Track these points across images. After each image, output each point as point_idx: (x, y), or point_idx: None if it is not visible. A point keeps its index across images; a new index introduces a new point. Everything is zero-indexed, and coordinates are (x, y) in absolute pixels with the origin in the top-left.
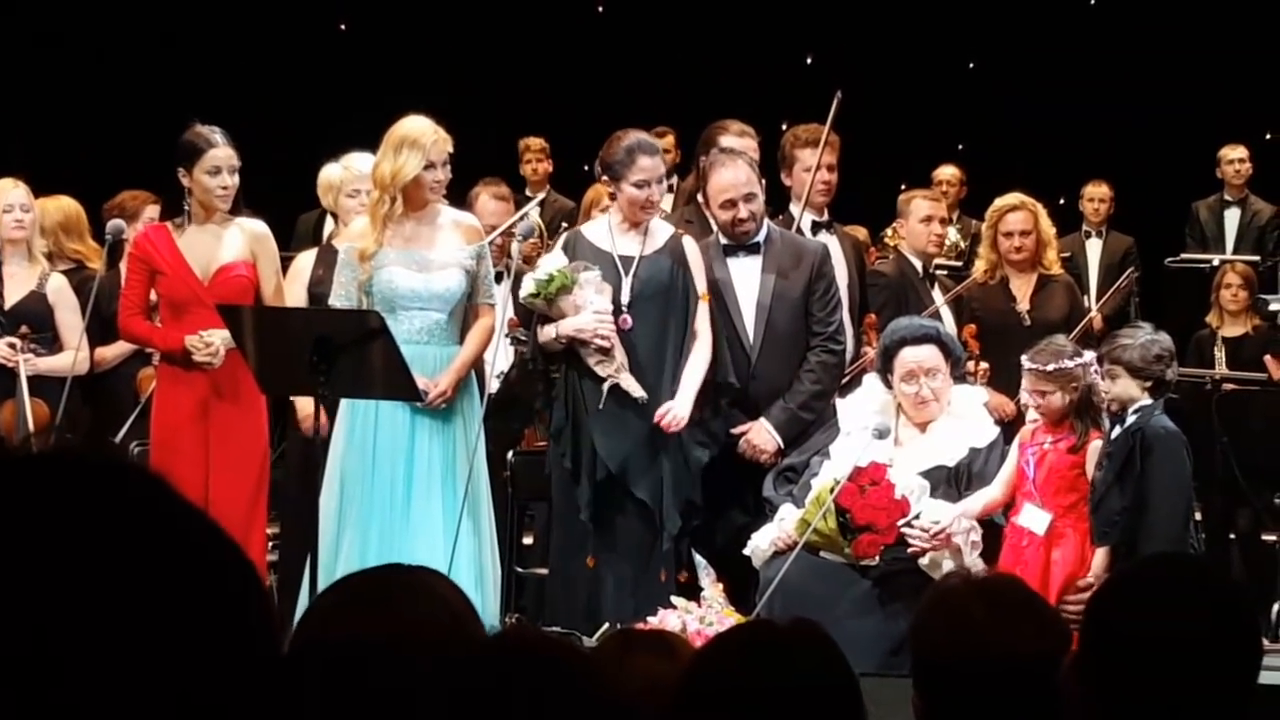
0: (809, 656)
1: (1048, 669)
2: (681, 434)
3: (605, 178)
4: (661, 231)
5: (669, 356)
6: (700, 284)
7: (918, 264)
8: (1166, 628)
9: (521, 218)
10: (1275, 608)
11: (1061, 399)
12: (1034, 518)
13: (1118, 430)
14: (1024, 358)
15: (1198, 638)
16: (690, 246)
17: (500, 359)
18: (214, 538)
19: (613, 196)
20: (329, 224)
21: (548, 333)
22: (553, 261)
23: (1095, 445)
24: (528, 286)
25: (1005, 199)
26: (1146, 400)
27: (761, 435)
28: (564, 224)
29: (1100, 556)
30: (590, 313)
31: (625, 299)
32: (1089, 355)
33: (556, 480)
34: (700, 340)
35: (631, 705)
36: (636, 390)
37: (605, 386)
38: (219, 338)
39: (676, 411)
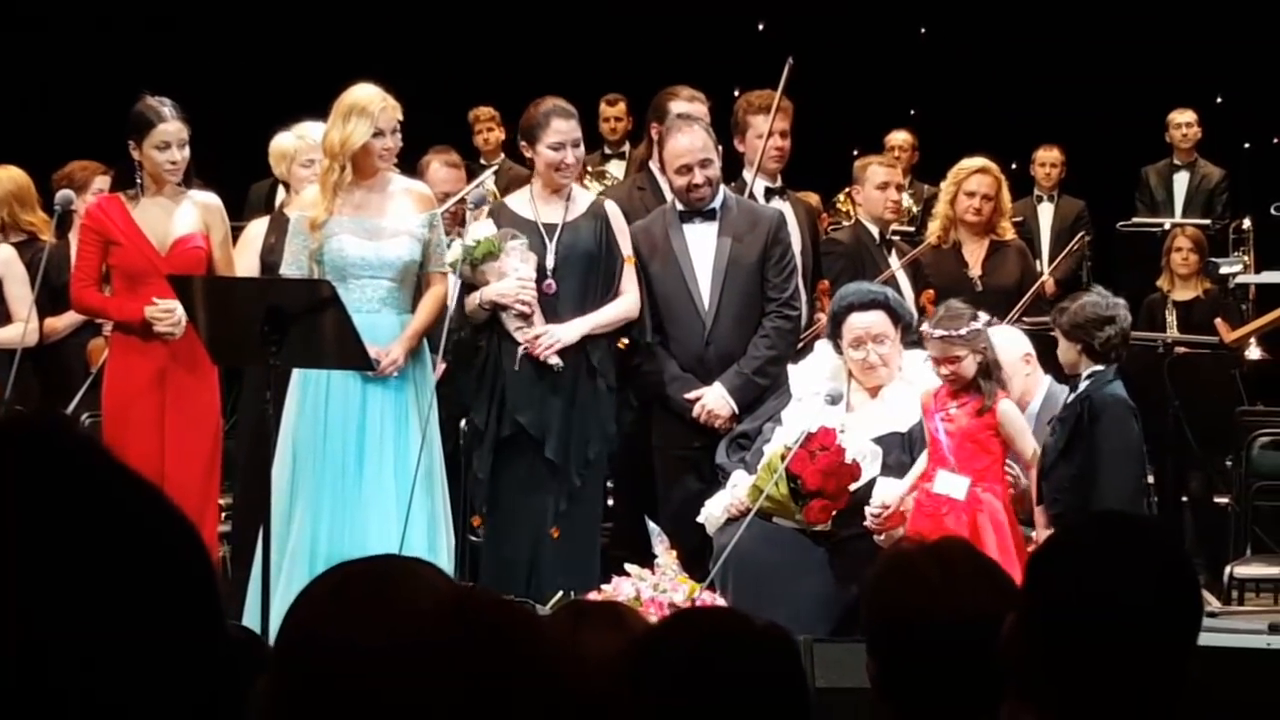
0: (766, 653)
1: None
2: (598, 400)
3: (523, 143)
4: (584, 198)
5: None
6: (625, 247)
7: (874, 230)
8: (1105, 586)
9: (477, 185)
10: (1228, 570)
11: (973, 362)
12: (952, 483)
13: (1070, 396)
14: (929, 327)
15: (1137, 596)
16: (613, 210)
17: None
18: (153, 503)
19: (532, 163)
20: (280, 193)
21: (472, 300)
22: (481, 229)
23: (1005, 405)
24: (454, 253)
25: (973, 160)
26: (1097, 366)
27: (716, 400)
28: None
29: (1039, 516)
30: (514, 278)
31: (550, 265)
32: (984, 316)
33: (474, 443)
34: (623, 296)
35: (586, 677)
36: (554, 358)
37: (520, 350)
38: (180, 307)
39: (554, 332)
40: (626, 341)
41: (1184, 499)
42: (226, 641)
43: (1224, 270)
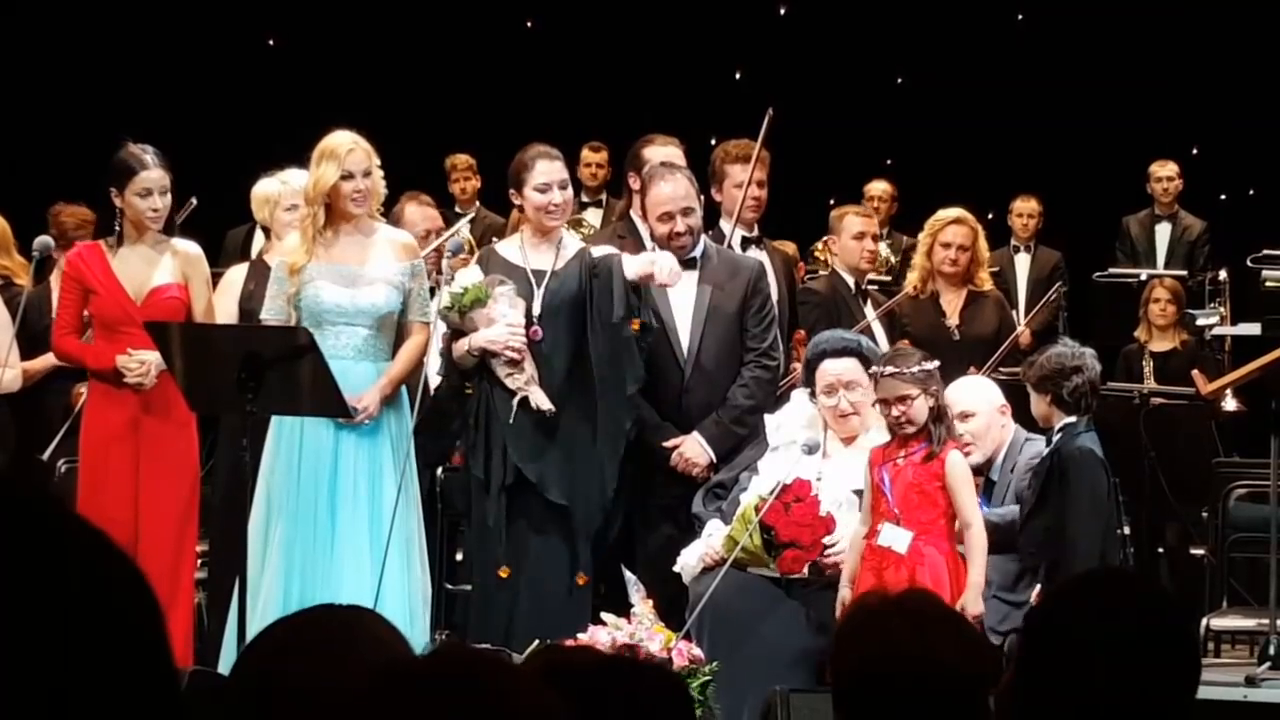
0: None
1: (970, 684)
2: (594, 442)
3: (512, 190)
4: (573, 246)
5: (580, 368)
6: None
7: (850, 280)
8: (1102, 645)
9: (454, 234)
10: (1204, 622)
11: (924, 403)
12: (894, 537)
13: (1033, 449)
14: (879, 368)
15: (1135, 654)
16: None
17: (433, 375)
18: (102, 552)
19: (521, 210)
20: (258, 238)
21: (460, 346)
22: (468, 276)
23: (954, 457)
24: (442, 299)
25: (948, 211)
26: (1069, 419)
27: (694, 448)
28: (494, 239)
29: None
30: (502, 325)
31: (537, 311)
32: (936, 361)
33: (472, 494)
34: None
35: None
36: (545, 403)
37: (515, 401)
38: (151, 358)
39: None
40: (639, 323)
41: (1160, 550)
42: (173, 689)
43: (1201, 321)
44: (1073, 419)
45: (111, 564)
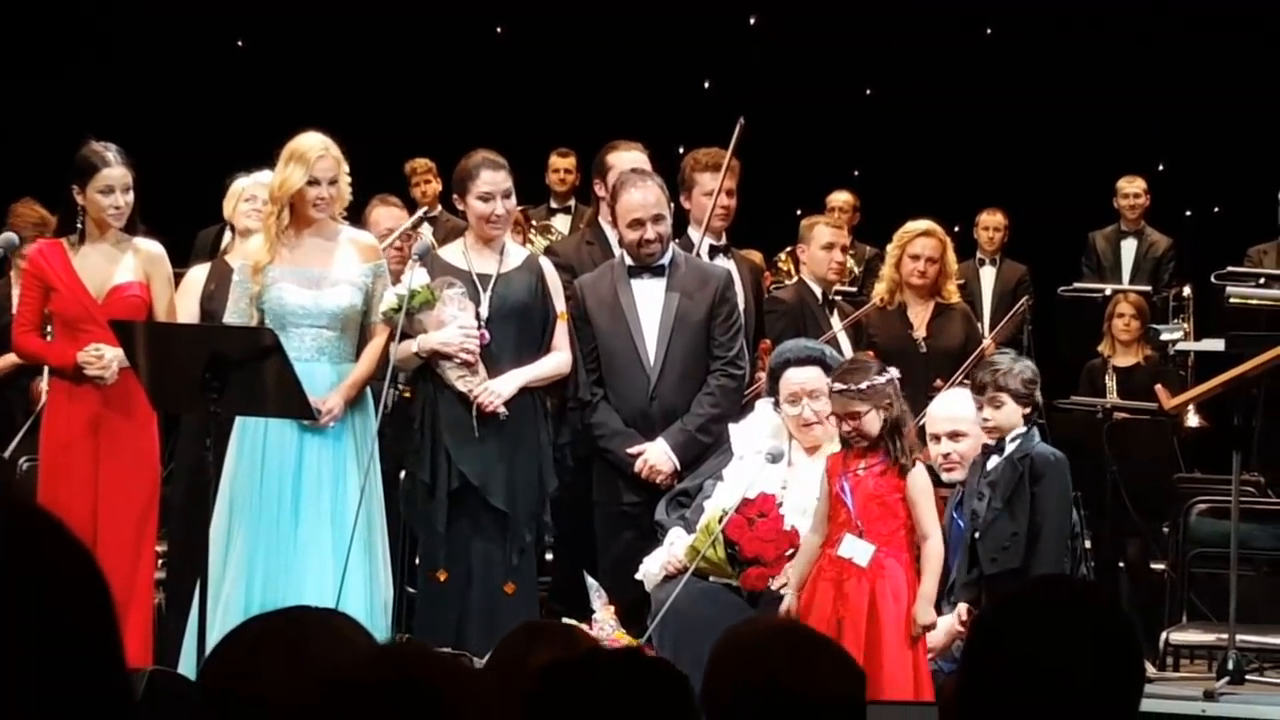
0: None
1: (843, 708)
2: (539, 453)
3: (455, 195)
4: (517, 253)
5: None
6: (559, 303)
7: (817, 290)
8: (1048, 654)
9: (412, 225)
10: (1164, 636)
11: (876, 418)
12: (856, 549)
13: (996, 460)
14: (831, 381)
15: (1079, 664)
16: (547, 266)
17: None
18: (60, 544)
19: (464, 215)
20: (228, 238)
21: (407, 348)
22: (416, 278)
23: (919, 471)
24: (389, 300)
25: (917, 223)
26: (1023, 427)
27: (658, 456)
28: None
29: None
30: (455, 327)
31: (484, 315)
32: (893, 371)
33: (419, 498)
34: (555, 352)
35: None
36: (499, 407)
37: (472, 406)
38: (113, 353)
39: (493, 388)
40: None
41: (1120, 565)
42: (123, 681)
43: (1165, 336)
44: (1024, 427)
45: (69, 557)
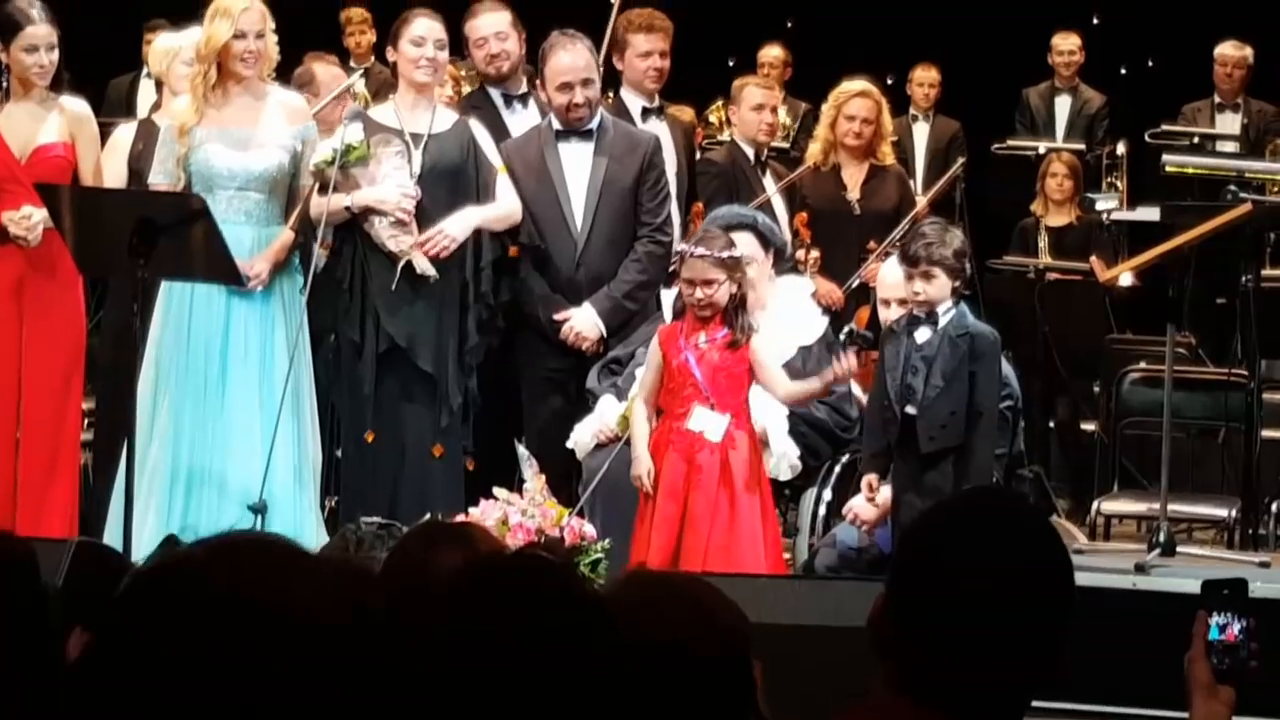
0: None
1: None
2: (465, 312)
3: (389, 48)
4: (448, 115)
5: None
6: (495, 159)
7: (750, 152)
8: (975, 560)
9: (346, 90)
10: (1095, 505)
11: (728, 289)
12: (708, 422)
13: (927, 332)
14: (688, 246)
15: (1007, 569)
16: (477, 127)
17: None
18: None
19: (394, 68)
20: (143, 89)
21: (338, 201)
22: (352, 133)
23: (758, 340)
24: (322, 153)
25: (853, 83)
26: (951, 301)
27: (585, 322)
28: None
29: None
30: (393, 184)
31: (415, 174)
32: (738, 249)
33: (346, 359)
34: (502, 198)
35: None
36: (428, 269)
37: (401, 265)
38: (39, 215)
39: (446, 229)
40: (516, 249)
41: (1050, 424)
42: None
43: (1100, 206)
44: (951, 300)
45: None
